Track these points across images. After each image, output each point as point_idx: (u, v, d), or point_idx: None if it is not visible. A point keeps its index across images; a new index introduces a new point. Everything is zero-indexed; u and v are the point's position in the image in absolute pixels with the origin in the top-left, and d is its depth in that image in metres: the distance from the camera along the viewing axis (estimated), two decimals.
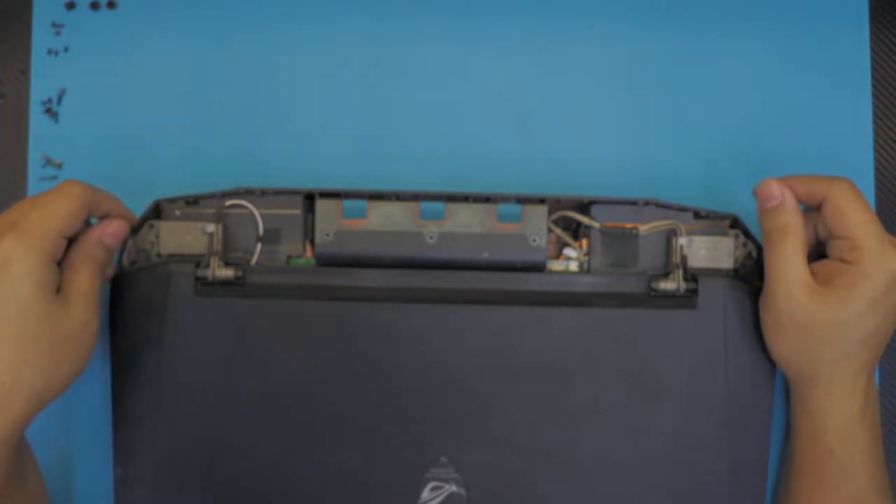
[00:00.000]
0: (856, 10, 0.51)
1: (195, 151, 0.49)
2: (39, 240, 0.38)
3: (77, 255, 0.40)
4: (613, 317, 0.43)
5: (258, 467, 0.43)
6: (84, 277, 0.40)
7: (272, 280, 0.44)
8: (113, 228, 0.42)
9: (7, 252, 0.37)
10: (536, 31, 0.50)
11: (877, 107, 0.50)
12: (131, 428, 0.43)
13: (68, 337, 0.38)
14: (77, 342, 0.39)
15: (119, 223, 0.42)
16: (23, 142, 0.49)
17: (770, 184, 0.42)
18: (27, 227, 0.37)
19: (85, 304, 0.39)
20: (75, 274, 0.40)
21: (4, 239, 0.37)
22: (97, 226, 0.42)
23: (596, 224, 0.45)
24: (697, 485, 0.43)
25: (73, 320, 0.39)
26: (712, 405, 0.43)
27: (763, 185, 0.43)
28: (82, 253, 0.41)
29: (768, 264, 0.42)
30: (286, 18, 0.50)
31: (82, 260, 0.40)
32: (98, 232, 0.41)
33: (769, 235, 0.42)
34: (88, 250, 0.41)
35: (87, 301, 0.39)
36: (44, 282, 0.37)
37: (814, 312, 0.40)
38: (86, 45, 0.50)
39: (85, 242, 0.41)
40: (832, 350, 0.41)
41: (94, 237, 0.41)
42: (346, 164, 0.49)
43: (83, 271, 0.40)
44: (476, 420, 0.43)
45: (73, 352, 0.39)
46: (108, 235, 0.42)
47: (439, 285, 0.44)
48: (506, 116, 0.50)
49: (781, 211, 0.42)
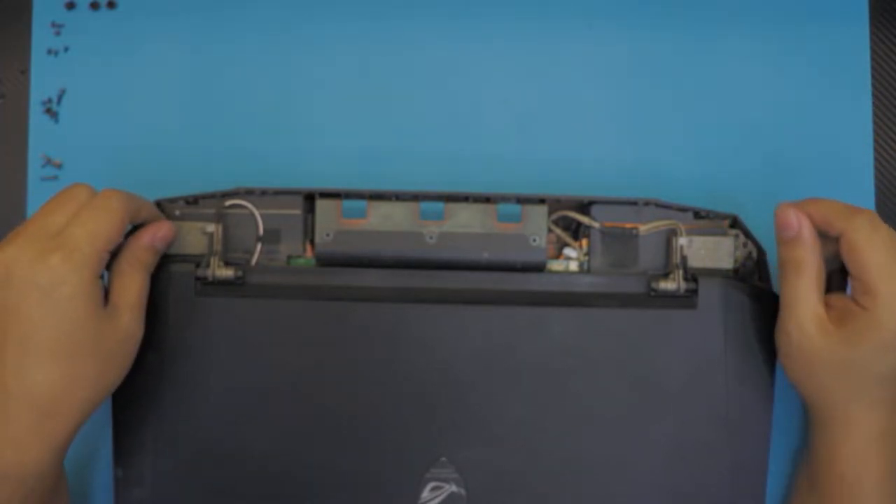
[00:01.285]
0: (856, 10, 0.51)
1: (195, 151, 0.49)
2: (88, 258, 0.37)
3: (128, 261, 0.40)
4: (613, 317, 0.43)
5: (258, 467, 0.43)
6: (135, 284, 0.40)
7: (272, 280, 0.44)
8: (164, 232, 0.41)
9: (57, 273, 0.36)
10: (536, 31, 0.50)
11: (877, 107, 0.50)
12: (131, 428, 0.43)
13: (116, 348, 0.39)
14: (123, 353, 0.39)
15: (169, 226, 0.42)
16: (23, 142, 0.49)
17: (788, 212, 0.40)
18: (75, 246, 0.37)
19: (132, 315, 0.39)
20: (126, 280, 0.40)
21: (52, 258, 0.36)
22: (147, 230, 0.41)
23: (596, 224, 0.45)
24: (697, 485, 0.43)
25: (121, 332, 0.39)
26: (712, 405, 0.43)
27: (781, 213, 0.41)
28: (133, 258, 0.40)
29: (782, 294, 0.41)
30: (286, 18, 0.50)
31: (134, 266, 0.40)
32: (149, 236, 0.41)
33: (784, 266, 0.41)
34: (140, 255, 0.41)
35: (135, 312, 0.40)
36: (94, 298, 0.37)
37: (824, 349, 0.39)
38: (86, 45, 0.50)
39: (135, 248, 0.41)
40: (844, 386, 0.40)
41: (144, 241, 0.41)
42: (346, 164, 0.49)
43: (135, 278, 0.40)
44: (476, 420, 0.43)
45: (120, 363, 0.39)
46: (159, 239, 0.41)
47: (439, 285, 0.44)
48: (506, 116, 0.50)
49: (798, 245, 0.40)
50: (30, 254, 0.37)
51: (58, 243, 0.37)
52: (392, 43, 0.50)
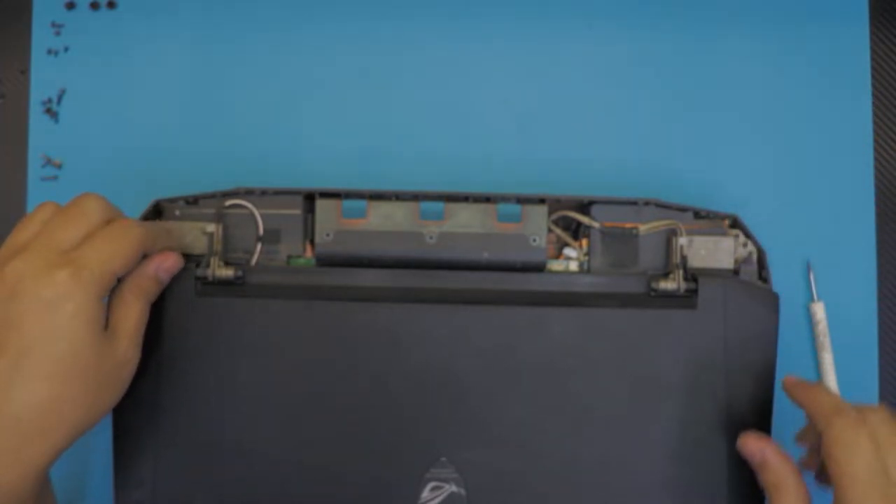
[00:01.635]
0: (856, 10, 0.51)
1: (195, 151, 0.49)
2: (96, 278, 0.36)
3: (130, 289, 0.40)
4: (613, 317, 0.43)
5: (258, 467, 0.43)
6: (135, 313, 0.39)
7: (272, 280, 0.44)
8: (169, 264, 0.41)
9: (62, 289, 0.36)
10: (536, 31, 0.50)
11: (877, 107, 0.50)
12: (131, 428, 0.43)
13: (111, 374, 0.38)
14: (118, 379, 0.39)
15: (175, 258, 0.41)
16: (23, 142, 0.49)
17: (747, 443, 0.40)
18: (84, 265, 0.36)
19: (130, 341, 0.39)
20: (127, 309, 0.39)
21: (59, 273, 0.36)
22: (153, 259, 0.41)
23: (596, 224, 0.45)
24: (697, 485, 0.43)
25: (119, 357, 0.38)
26: (712, 405, 0.43)
27: (743, 445, 0.40)
28: (136, 287, 0.40)
29: None
30: (286, 18, 0.50)
31: (136, 294, 0.40)
32: (154, 266, 0.41)
33: (766, 488, 0.40)
34: (143, 284, 0.40)
35: (133, 339, 0.39)
36: (96, 320, 0.37)
37: None
38: (86, 45, 0.50)
39: (140, 276, 0.40)
40: None
41: (149, 272, 0.40)
42: (346, 164, 0.49)
43: (136, 307, 0.39)
44: (476, 420, 0.43)
45: (113, 388, 0.39)
46: (163, 271, 0.41)
47: (439, 285, 0.44)
48: (506, 116, 0.50)
49: (767, 470, 0.39)
50: (37, 267, 0.36)
51: (67, 260, 0.36)
52: (392, 43, 0.50)
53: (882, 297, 0.49)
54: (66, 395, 0.36)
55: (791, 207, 0.49)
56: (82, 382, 0.37)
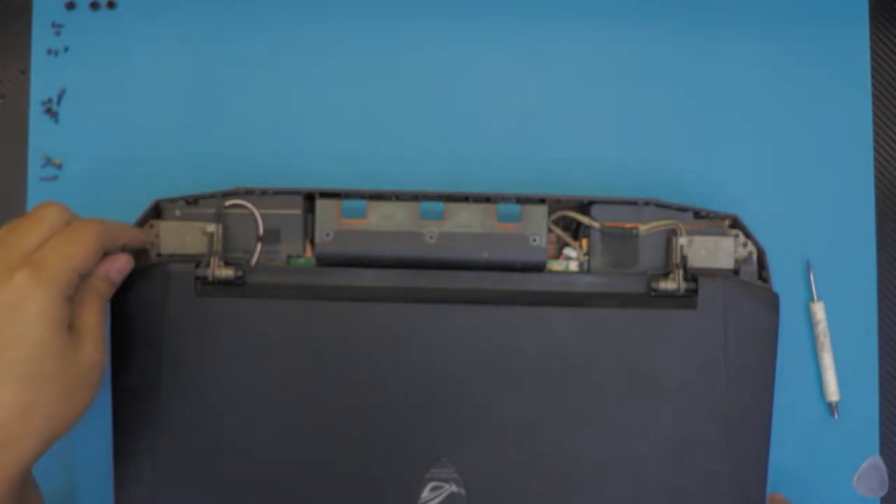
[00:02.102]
0: (856, 10, 0.51)
1: (195, 151, 0.49)
2: (55, 276, 0.36)
3: (86, 289, 0.39)
4: (613, 317, 0.43)
5: (258, 467, 0.43)
6: (93, 312, 0.39)
7: (272, 280, 0.44)
8: (119, 265, 0.41)
9: (22, 291, 0.35)
10: (536, 31, 0.50)
11: (877, 107, 0.50)
12: (131, 428, 0.43)
13: (79, 376, 0.37)
14: (86, 381, 0.38)
15: (125, 259, 0.41)
16: (23, 142, 0.49)
17: None
18: (42, 265, 0.36)
19: (94, 341, 0.38)
20: (85, 308, 0.39)
21: (17, 275, 0.36)
22: (104, 262, 0.41)
23: (596, 224, 0.45)
24: (697, 485, 0.43)
25: (85, 359, 0.38)
26: (712, 405, 0.43)
27: None
28: (91, 288, 0.40)
29: None
30: (286, 18, 0.50)
31: (91, 294, 0.39)
32: (105, 268, 0.41)
33: None
34: (96, 285, 0.40)
35: (96, 338, 0.39)
36: (59, 321, 0.36)
37: None
38: (86, 45, 0.50)
39: (93, 277, 0.40)
40: None
41: (100, 273, 0.40)
42: (346, 164, 0.49)
43: (93, 307, 0.39)
44: (476, 420, 0.43)
45: (82, 391, 0.38)
46: (114, 271, 0.41)
47: (439, 285, 0.44)
48: (506, 116, 0.50)
49: None
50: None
51: (26, 261, 0.36)
52: (392, 43, 0.50)
53: (882, 297, 0.49)
54: (33, 400, 0.36)
55: (791, 207, 0.49)
56: (50, 386, 0.36)
